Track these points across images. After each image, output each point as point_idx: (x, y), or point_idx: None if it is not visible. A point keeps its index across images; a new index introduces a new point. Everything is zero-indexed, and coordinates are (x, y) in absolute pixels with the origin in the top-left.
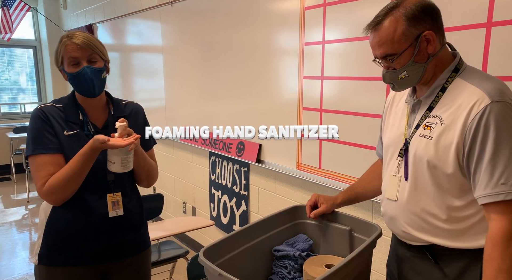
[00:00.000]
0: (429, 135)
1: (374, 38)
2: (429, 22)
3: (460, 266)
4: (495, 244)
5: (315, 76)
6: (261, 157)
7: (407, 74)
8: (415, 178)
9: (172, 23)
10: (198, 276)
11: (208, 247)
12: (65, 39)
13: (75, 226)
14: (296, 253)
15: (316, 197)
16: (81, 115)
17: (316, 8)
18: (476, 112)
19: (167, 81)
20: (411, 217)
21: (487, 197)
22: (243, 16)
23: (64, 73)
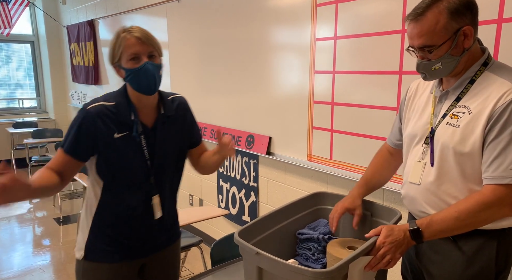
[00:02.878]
0: (456, 124)
1: (415, 29)
2: (469, 17)
3: (477, 244)
4: (477, 200)
5: (327, 71)
6: (271, 149)
7: (441, 66)
8: (441, 164)
9: (179, 20)
10: (220, 261)
11: (242, 229)
12: (124, 34)
13: (122, 223)
14: (319, 236)
15: (343, 209)
16: (133, 115)
17: (328, 5)
18: (503, 102)
19: (174, 78)
20: (432, 198)
21: (494, 179)
22: (254, 12)
23: (121, 69)
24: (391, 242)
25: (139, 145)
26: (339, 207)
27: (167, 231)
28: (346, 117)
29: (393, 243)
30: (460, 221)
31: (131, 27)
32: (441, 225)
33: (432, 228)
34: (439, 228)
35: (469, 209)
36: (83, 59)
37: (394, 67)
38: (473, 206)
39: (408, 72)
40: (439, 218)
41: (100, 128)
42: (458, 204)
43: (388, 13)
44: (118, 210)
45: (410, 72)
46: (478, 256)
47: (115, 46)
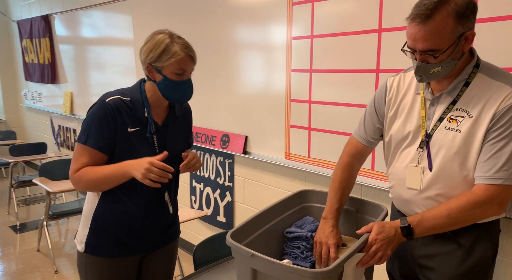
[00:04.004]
0: (457, 129)
1: (421, 31)
2: (472, 21)
3: (474, 236)
4: (468, 199)
5: (304, 69)
6: (247, 148)
7: (440, 70)
8: (441, 169)
9: (146, 17)
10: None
11: (234, 231)
12: (177, 47)
13: (124, 219)
14: (308, 234)
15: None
16: (146, 112)
17: (304, 4)
18: (505, 105)
19: (139, 76)
20: (429, 202)
21: (487, 179)
22: (227, 10)
23: (157, 73)
24: (383, 239)
25: (152, 142)
26: (331, 245)
27: (170, 227)
28: (323, 115)
29: (384, 239)
30: (451, 218)
31: (184, 42)
32: (432, 222)
33: (423, 225)
34: (430, 225)
35: (460, 207)
36: (38, 56)
37: (371, 66)
38: (464, 204)
39: (385, 71)
40: (430, 215)
41: (118, 121)
42: (449, 202)
43: (365, 12)
44: (124, 206)
45: (387, 71)
46: (476, 248)
47: (162, 53)
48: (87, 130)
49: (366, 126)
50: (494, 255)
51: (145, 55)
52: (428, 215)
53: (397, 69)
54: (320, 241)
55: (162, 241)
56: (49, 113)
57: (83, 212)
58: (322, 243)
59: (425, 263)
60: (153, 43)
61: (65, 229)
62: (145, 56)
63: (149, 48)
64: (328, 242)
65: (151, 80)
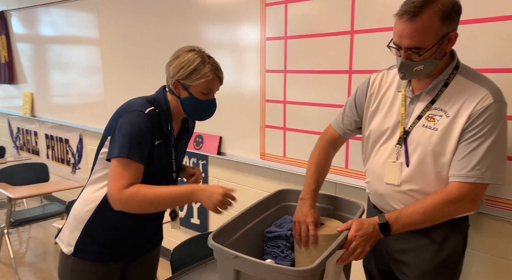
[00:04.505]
0: (434, 127)
1: (408, 28)
2: (456, 22)
3: (445, 231)
4: (443, 197)
5: (278, 70)
6: (222, 149)
7: (423, 68)
8: (417, 166)
9: (113, 15)
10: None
11: (215, 233)
12: (208, 68)
13: (120, 227)
14: (288, 232)
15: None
16: (170, 125)
17: (277, 5)
18: (480, 107)
19: (107, 76)
20: (405, 197)
21: (461, 177)
22: (198, 10)
23: (184, 90)
24: (362, 236)
25: (170, 155)
26: (310, 223)
27: (156, 234)
28: (298, 115)
29: (363, 236)
30: (426, 215)
31: (214, 62)
32: (408, 219)
33: (400, 222)
34: (407, 222)
35: (435, 205)
36: None
37: (344, 67)
38: (439, 201)
39: (358, 72)
40: (407, 212)
41: (153, 133)
42: (425, 200)
43: (337, 14)
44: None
45: (359, 72)
46: (447, 242)
47: (193, 72)
48: (128, 142)
49: (344, 118)
50: (464, 248)
51: (175, 71)
52: (405, 212)
53: (369, 70)
54: (298, 220)
55: (150, 246)
56: (6, 115)
57: (74, 214)
58: (301, 222)
59: (399, 258)
60: (184, 60)
61: (27, 237)
62: (174, 72)
63: (179, 64)
64: (307, 220)
65: (174, 94)
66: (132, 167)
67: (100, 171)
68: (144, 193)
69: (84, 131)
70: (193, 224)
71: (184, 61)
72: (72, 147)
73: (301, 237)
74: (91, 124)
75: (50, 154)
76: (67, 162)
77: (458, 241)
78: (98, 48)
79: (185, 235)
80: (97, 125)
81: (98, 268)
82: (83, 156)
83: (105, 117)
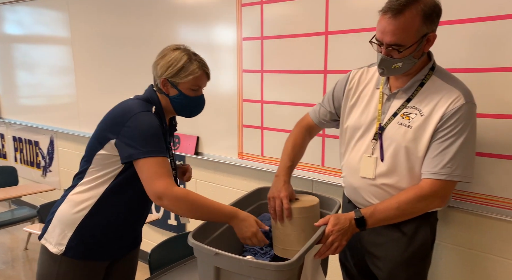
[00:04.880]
0: (409, 125)
1: (390, 25)
2: (436, 24)
3: (415, 225)
4: (416, 193)
5: (255, 70)
6: (199, 149)
7: (401, 66)
8: (391, 161)
9: (84, 14)
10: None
11: (195, 232)
12: (195, 65)
13: (114, 227)
14: (267, 229)
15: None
16: (164, 123)
17: (253, 5)
18: (452, 108)
19: (79, 76)
20: (379, 191)
21: (433, 174)
22: (173, 9)
23: (173, 88)
24: (339, 230)
25: (169, 154)
26: (284, 197)
27: (139, 234)
28: (275, 114)
29: (340, 231)
30: (400, 210)
31: (200, 59)
32: (383, 214)
33: (375, 217)
34: (381, 216)
35: (408, 200)
36: None
37: (319, 67)
38: (412, 197)
39: (332, 72)
40: (381, 207)
41: None
42: (398, 195)
43: (312, 15)
44: (118, 217)
45: (334, 72)
46: (417, 235)
47: (181, 70)
48: (151, 142)
49: (321, 108)
50: (433, 241)
51: (162, 70)
52: (379, 207)
53: (344, 70)
54: (273, 196)
55: (133, 246)
56: None
57: (62, 216)
58: (275, 197)
59: (373, 251)
60: (171, 58)
61: None
62: (162, 71)
63: (167, 64)
64: (280, 195)
65: (163, 93)
66: (165, 163)
67: (97, 171)
68: (196, 196)
69: (56, 133)
70: (170, 225)
71: (171, 59)
72: (43, 149)
73: (276, 211)
74: (63, 125)
75: (18, 157)
76: (37, 165)
77: (427, 234)
78: (70, 48)
79: (162, 236)
80: (69, 127)
81: (86, 266)
82: (55, 159)
83: (77, 118)
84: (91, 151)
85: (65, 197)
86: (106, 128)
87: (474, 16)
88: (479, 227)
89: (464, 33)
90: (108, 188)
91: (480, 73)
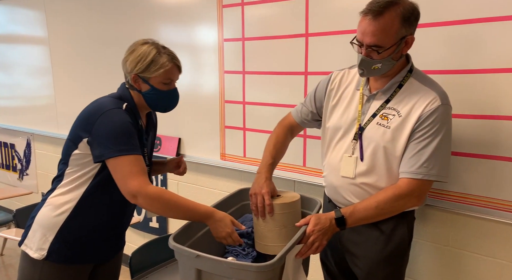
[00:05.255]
0: (387, 125)
1: (371, 26)
2: (414, 27)
3: (393, 224)
4: (394, 192)
5: (237, 71)
6: (181, 150)
7: (380, 67)
8: (370, 160)
9: (61, 14)
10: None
11: (176, 234)
12: (165, 58)
13: (97, 229)
14: (249, 229)
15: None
16: (140, 121)
17: (234, 6)
18: (429, 109)
19: (56, 77)
20: (358, 190)
21: (410, 174)
22: (155, 9)
23: (144, 83)
24: (319, 230)
25: (143, 151)
26: (265, 193)
27: (123, 236)
28: (257, 115)
29: (321, 230)
30: (379, 209)
31: (170, 52)
32: (362, 213)
33: (355, 216)
34: (361, 216)
35: (386, 199)
36: None
37: (300, 68)
38: (390, 196)
39: (313, 73)
40: (361, 207)
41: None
42: (377, 195)
43: (292, 17)
44: (100, 218)
45: (315, 73)
46: (395, 233)
47: (150, 64)
48: (122, 140)
49: (303, 108)
50: (410, 239)
51: (132, 65)
52: (359, 207)
53: (324, 72)
54: (254, 192)
55: (118, 248)
56: None
57: (42, 220)
58: (257, 193)
59: (352, 250)
60: (139, 53)
61: None
62: (132, 67)
63: (135, 58)
64: (262, 191)
65: (135, 90)
66: (138, 161)
67: (74, 173)
68: (170, 196)
69: (33, 135)
70: (153, 228)
71: (140, 54)
72: (19, 152)
73: (258, 207)
74: (40, 127)
75: None
76: (13, 168)
77: (405, 232)
78: (47, 48)
79: (144, 239)
80: (47, 129)
81: (69, 270)
82: (32, 161)
83: (55, 120)
84: (67, 151)
85: (45, 200)
86: (79, 127)
87: (450, 19)
88: (455, 225)
89: (441, 36)
90: (87, 188)
91: (456, 75)
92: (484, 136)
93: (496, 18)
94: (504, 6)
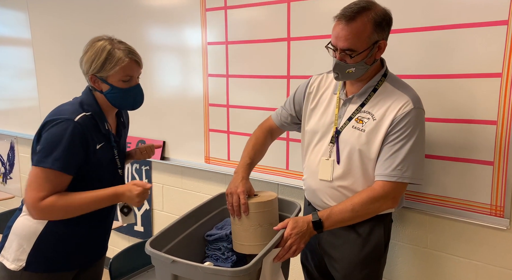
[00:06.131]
0: (362, 128)
1: (344, 30)
2: (386, 33)
3: (370, 226)
4: (368, 195)
5: (220, 74)
6: (166, 153)
7: (354, 71)
8: (347, 163)
9: (45, 15)
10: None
11: (153, 239)
12: (120, 53)
13: (77, 236)
14: (228, 232)
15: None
16: (107, 125)
17: (217, 10)
18: (402, 112)
19: (41, 79)
20: (335, 193)
21: (384, 176)
22: (140, 11)
23: (103, 83)
24: (297, 233)
25: (113, 155)
26: (241, 192)
27: (106, 241)
28: (241, 119)
29: (298, 234)
30: (354, 212)
31: (127, 46)
32: (339, 216)
33: (331, 219)
34: (337, 219)
35: (362, 202)
36: None
37: (282, 72)
38: (365, 199)
39: (295, 77)
40: (337, 210)
41: (89, 140)
42: (353, 198)
43: (274, 21)
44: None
45: (297, 77)
46: (372, 236)
47: (105, 61)
48: (52, 152)
49: (283, 111)
50: (387, 242)
51: (87, 66)
52: (335, 210)
53: (306, 76)
54: (230, 191)
55: (100, 254)
56: None
57: (18, 229)
58: (233, 192)
59: (330, 253)
60: (93, 52)
61: None
62: (87, 67)
63: (90, 58)
64: (237, 190)
65: (97, 91)
66: (54, 177)
67: None
68: (64, 202)
69: (16, 138)
70: (137, 231)
71: (94, 52)
72: (2, 155)
73: (233, 207)
74: (24, 130)
75: None
76: None
77: (382, 235)
78: (30, 50)
79: (128, 243)
80: (31, 132)
81: (50, 278)
82: (16, 165)
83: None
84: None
85: (21, 210)
86: (36, 138)
87: (424, 25)
88: (433, 227)
89: (415, 41)
90: None
91: (430, 80)
92: (459, 140)
93: (468, 24)
94: (475, 13)
